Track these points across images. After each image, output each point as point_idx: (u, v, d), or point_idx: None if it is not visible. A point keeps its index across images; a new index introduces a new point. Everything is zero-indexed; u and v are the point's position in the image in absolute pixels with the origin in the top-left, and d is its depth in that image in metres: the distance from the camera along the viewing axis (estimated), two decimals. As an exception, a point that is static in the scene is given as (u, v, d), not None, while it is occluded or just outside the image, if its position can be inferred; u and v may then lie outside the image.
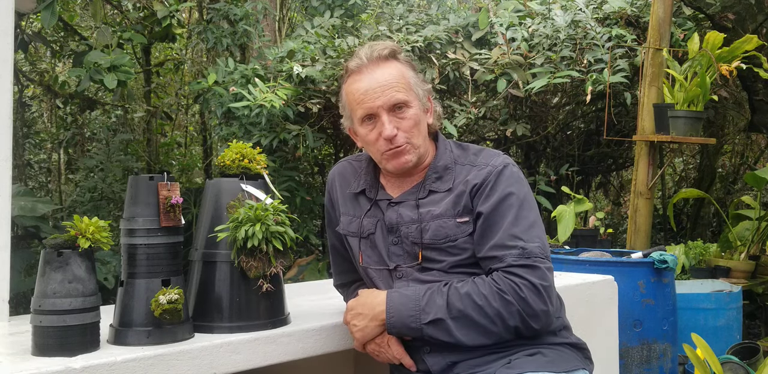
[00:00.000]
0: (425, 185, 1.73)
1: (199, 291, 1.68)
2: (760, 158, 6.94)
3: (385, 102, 1.67)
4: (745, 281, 4.22)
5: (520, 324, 1.57)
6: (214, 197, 1.71)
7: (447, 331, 1.57)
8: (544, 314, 1.57)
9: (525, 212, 1.65)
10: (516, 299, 1.55)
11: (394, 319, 1.61)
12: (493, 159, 1.72)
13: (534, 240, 1.62)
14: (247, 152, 1.76)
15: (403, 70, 1.72)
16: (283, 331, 1.68)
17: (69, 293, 1.44)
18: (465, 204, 1.67)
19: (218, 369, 1.56)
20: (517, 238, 1.61)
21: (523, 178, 1.73)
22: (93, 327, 1.49)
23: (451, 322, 1.57)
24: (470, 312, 1.56)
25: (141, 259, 1.55)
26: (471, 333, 1.57)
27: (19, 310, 4.30)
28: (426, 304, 1.59)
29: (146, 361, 1.45)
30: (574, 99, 5.34)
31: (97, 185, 5.97)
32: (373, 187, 1.81)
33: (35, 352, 1.46)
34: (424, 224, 1.69)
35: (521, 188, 1.68)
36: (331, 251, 1.95)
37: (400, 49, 1.76)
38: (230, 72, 4.67)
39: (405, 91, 1.68)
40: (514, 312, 1.55)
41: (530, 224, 1.64)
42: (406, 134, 1.68)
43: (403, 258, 1.72)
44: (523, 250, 1.59)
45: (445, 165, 1.74)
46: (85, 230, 1.47)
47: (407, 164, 1.71)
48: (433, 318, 1.57)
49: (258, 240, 1.60)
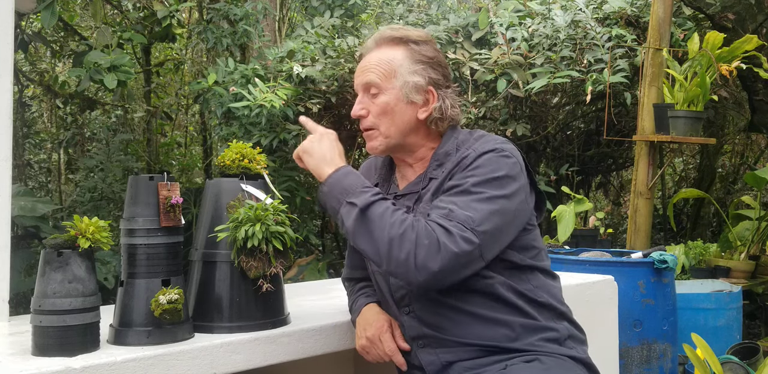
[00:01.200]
0: (427, 174, 1.70)
1: (199, 291, 1.68)
2: (760, 158, 6.94)
3: (359, 82, 1.70)
4: (745, 281, 4.22)
5: (402, 264, 1.48)
6: (214, 197, 1.71)
7: (348, 217, 1.55)
8: (429, 272, 1.47)
9: (481, 188, 1.55)
10: (417, 242, 1.47)
11: (326, 189, 1.61)
12: (484, 145, 1.64)
13: (469, 211, 1.51)
14: (247, 152, 1.76)
15: (397, 56, 1.68)
16: (283, 331, 1.68)
17: (69, 293, 1.44)
18: (446, 186, 1.62)
19: (218, 369, 1.56)
20: (453, 204, 1.53)
21: (505, 161, 1.60)
22: (93, 327, 1.49)
23: (358, 214, 1.53)
24: (376, 220, 1.52)
25: (141, 259, 1.55)
26: (363, 234, 1.53)
27: (19, 310, 4.30)
28: (359, 191, 1.56)
29: (146, 361, 1.45)
30: (574, 99, 5.34)
31: (97, 185, 5.97)
32: (386, 181, 1.80)
33: (35, 352, 1.46)
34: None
35: (495, 168, 1.58)
36: (349, 245, 1.93)
37: (415, 38, 1.70)
38: (230, 72, 4.67)
39: (380, 76, 1.67)
40: (404, 249, 1.48)
41: (478, 199, 1.53)
42: (375, 119, 1.69)
43: None
44: (450, 212, 1.51)
45: (446, 151, 1.69)
46: (85, 230, 1.47)
47: (374, 150, 1.71)
48: (352, 200, 1.55)
49: (258, 240, 1.60)
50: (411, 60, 1.69)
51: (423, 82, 1.69)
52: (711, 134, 5.89)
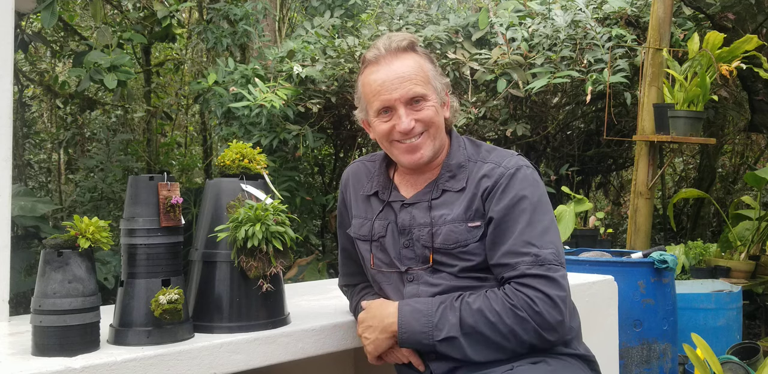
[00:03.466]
0: (438, 184, 1.69)
1: (199, 291, 1.68)
2: (760, 158, 6.94)
3: (402, 95, 1.62)
4: (745, 281, 4.22)
5: (535, 339, 1.52)
6: (214, 197, 1.71)
7: (460, 349, 1.54)
8: (560, 325, 1.52)
9: (538, 217, 1.59)
10: (530, 314, 1.50)
11: (406, 335, 1.58)
12: (506, 160, 1.66)
13: (548, 246, 1.56)
14: (247, 152, 1.76)
15: (421, 62, 1.67)
16: (283, 331, 1.68)
17: (69, 293, 1.44)
18: (477, 208, 1.63)
19: (218, 369, 1.56)
20: (530, 244, 1.55)
21: (537, 180, 1.66)
22: (93, 327, 1.49)
23: (463, 340, 1.53)
24: (483, 329, 1.52)
25: (141, 259, 1.55)
26: (484, 350, 1.53)
27: (19, 310, 4.30)
28: (438, 321, 1.55)
29: (146, 361, 1.45)
30: (574, 99, 5.34)
31: (97, 185, 5.97)
32: (386, 188, 1.77)
33: (35, 352, 1.46)
34: (436, 228, 1.65)
35: (535, 191, 1.62)
36: (340, 253, 1.93)
37: (418, 41, 1.71)
38: (230, 72, 4.67)
39: (423, 85, 1.64)
40: (528, 329, 1.51)
41: (544, 229, 1.58)
42: (423, 124, 1.65)
43: (414, 261, 1.69)
44: (536, 257, 1.54)
45: (458, 163, 1.69)
46: (85, 230, 1.47)
47: (421, 160, 1.67)
48: (446, 335, 1.54)
49: (258, 240, 1.60)
50: (430, 63, 1.70)
51: (446, 82, 1.72)
52: (711, 134, 5.88)
